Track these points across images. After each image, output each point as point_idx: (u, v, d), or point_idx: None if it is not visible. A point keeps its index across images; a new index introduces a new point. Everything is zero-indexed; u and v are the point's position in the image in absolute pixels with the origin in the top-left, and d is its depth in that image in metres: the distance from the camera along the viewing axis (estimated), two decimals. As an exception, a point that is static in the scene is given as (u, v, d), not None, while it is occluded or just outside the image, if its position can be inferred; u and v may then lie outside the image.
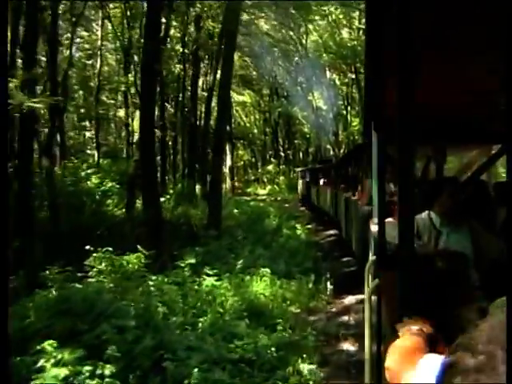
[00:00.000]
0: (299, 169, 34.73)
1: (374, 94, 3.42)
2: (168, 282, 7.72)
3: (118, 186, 19.35)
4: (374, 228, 3.59)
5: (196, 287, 8.04)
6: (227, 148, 38.36)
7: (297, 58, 42.68)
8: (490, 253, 3.17)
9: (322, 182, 22.36)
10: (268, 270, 9.19)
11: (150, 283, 7.33)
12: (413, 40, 2.02)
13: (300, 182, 32.26)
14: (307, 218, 23.42)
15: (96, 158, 28.76)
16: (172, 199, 19.46)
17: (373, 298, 3.17)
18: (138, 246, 8.27)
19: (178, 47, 27.96)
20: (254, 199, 32.17)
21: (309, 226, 20.40)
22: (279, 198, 34.74)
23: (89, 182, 18.74)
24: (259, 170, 50.87)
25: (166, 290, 7.26)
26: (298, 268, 10.88)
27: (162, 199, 19.24)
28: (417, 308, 1.79)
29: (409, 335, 1.50)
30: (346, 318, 7.85)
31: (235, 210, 20.12)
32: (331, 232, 18.06)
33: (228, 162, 37.92)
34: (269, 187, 42.87)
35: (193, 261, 8.72)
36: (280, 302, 8.16)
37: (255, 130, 55.59)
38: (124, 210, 17.54)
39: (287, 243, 13.75)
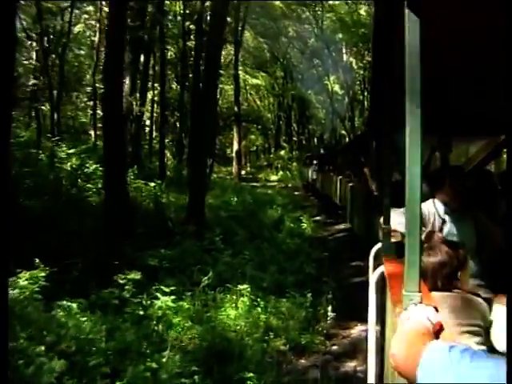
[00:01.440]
0: (306, 155, 33.34)
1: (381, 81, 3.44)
2: (81, 312, 5.05)
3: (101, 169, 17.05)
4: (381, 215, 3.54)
5: (141, 313, 5.65)
6: (234, 131, 36.25)
7: (312, 40, 41.01)
8: (494, 243, 3.23)
9: (327, 168, 21.78)
10: (248, 287, 6.71)
11: (60, 314, 4.82)
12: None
13: (306, 168, 31.43)
14: (316, 209, 21.13)
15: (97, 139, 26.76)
16: (162, 186, 17.08)
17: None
18: (36, 260, 5.71)
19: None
20: (263, 185, 30.38)
21: (317, 218, 18.15)
22: (290, 185, 32.96)
23: (69, 164, 16.59)
24: (271, 156, 49.17)
25: (72, 326, 4.59)
26: (295, 276, 8.52)
27: (153, 184, 17.12)
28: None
29: (414, 322, 1.41)
30: (351, 365, 5.36)
31: (234, 199, 17.72)
32: (342, 226, 15.82)
33: (235, 145, 35.63)
34: (280, 173, 41.22)
35: (138, 276, 6.10)
36: (260, 336, 5.76)
37: (269, 115, 54.11)
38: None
39: (286, 241, 11.37)
